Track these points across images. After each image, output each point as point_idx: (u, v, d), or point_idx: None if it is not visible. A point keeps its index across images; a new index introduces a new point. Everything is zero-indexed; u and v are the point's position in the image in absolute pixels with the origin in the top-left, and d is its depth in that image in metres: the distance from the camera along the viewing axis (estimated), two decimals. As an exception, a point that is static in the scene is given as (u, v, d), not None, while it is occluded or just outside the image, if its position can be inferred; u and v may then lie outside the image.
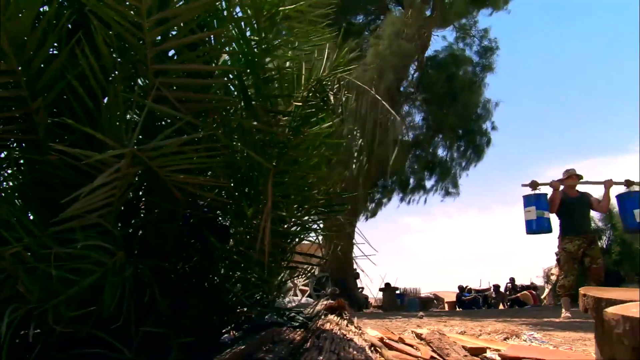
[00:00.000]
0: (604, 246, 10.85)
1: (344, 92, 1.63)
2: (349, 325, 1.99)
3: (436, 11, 10.77)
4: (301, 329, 1.78)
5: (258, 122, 1.41)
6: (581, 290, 1.33)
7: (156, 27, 1.20)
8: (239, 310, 1.79)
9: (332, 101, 1.42)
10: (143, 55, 1.22)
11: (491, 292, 13.17)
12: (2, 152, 1.38)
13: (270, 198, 1.33)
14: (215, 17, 1.42)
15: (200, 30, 1.37)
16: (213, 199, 1.50)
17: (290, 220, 1.65)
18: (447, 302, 13.47)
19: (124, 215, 1.44)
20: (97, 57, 1.19)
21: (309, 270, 1.96)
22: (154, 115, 1.38)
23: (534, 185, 5.32)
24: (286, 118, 1.44)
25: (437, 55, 12.42)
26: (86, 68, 1.16)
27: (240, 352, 1.33)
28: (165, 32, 1.29)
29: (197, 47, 1.38)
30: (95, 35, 1.16)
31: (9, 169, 1.40)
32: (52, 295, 1.07)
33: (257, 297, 1.70)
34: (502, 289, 13.26)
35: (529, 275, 17.74)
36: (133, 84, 1.38)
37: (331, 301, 2.21)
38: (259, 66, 1.45)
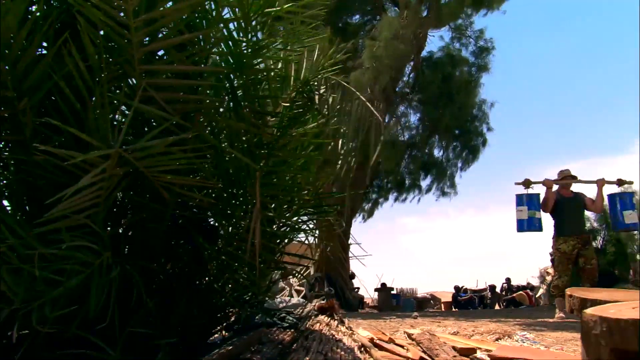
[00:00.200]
0: (599, 246, 10.88)
1: (330, 92, 1.63)
2: (340, 326, 1.99)
3: (432, 11, 10.77)
4: (291, 330, 1.78)
5: (246, 124, 1.41)
6: (567, 291, 1.34)
7: (144, 27, 1.20)
8: (229, 311, 1.78)
9: (317, 102, 1.42)
10: (130, 55, 1.22)
11: (487, 292, 13.20)
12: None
13: (258, 199, 1.33)
14: (204, 17, 1.42)
15: (189, 31, 1.37)
16: (201, 200, 1.50)
17: (279, 221, 1.65)
18: (444, 303, 13.50)
19: (112, 216, 1.44)
20: (85, 57, 1.19)
21: (302, 271, 1.96)
22: (142, 116, 1.38)
23: (527, 183, 5.33)
24: (274, 119, 1.44)
25: (433, 55, 12.43)
26: (73, 69, 1.16)
27: (228, 353, 1.33)
28: (153, 33, 1.29)
29: (186, 47, 1.38)
30: (83, 36, 1.16)
31: (-4, 169, 1.39)
32: (37, 296, 1.07)
33: (246, 298, 1.70)
34: (498, 289, 13.31)
35: (525, 275, 17.81)
36: (121, 85, 1.38)
37: (322, 302, 2.22)
38: (248, 67, 1.45)
